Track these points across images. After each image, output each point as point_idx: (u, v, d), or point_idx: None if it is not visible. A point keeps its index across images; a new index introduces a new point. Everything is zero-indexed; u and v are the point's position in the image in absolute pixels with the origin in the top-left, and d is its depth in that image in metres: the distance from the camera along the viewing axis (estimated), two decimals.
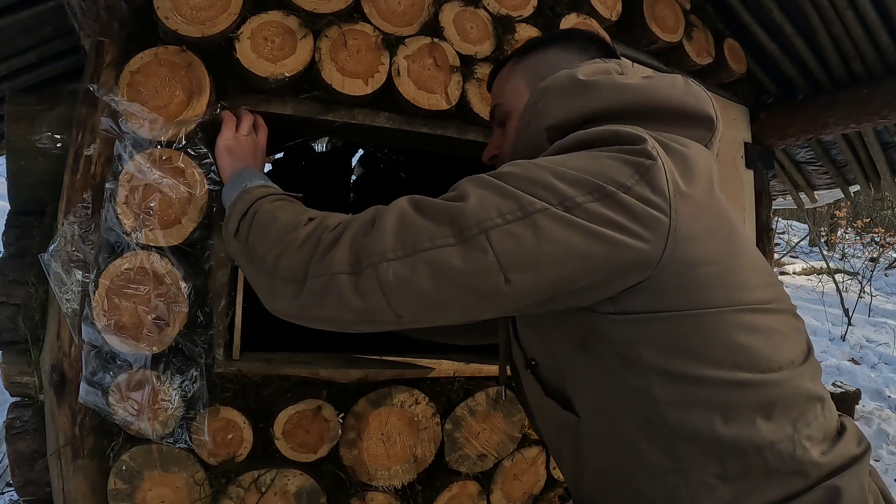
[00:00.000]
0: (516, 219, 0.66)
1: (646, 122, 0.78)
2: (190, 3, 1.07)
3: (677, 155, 0.74)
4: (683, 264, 0.69)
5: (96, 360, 1.04)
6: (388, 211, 0.72)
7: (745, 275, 0.74)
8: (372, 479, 1.23)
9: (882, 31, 1.89)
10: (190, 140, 1.08)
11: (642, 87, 0.81)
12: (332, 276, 0.69)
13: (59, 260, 1.05)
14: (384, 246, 0.67)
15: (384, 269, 0.66)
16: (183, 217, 1.07)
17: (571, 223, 0.66)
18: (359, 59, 1.20)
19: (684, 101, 0.82)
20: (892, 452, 4.02)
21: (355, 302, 0.68)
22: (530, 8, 1.39)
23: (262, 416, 1.16)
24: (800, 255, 11.72)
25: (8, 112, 1.19)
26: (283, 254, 0.76)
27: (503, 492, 1.37)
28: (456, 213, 0.67)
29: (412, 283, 0.66)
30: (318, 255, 0.71)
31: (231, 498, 1.12)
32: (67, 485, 1.08)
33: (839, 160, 2.74)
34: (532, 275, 0.66)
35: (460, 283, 0.66)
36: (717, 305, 0.70)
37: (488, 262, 0.65)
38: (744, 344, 0.71)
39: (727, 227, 0.76)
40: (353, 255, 0.69)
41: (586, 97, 0.81)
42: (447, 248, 0.66)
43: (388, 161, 3.94)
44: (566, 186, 0.67)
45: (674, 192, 0.69)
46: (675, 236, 0.68)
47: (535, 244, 0.65)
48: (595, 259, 0.66)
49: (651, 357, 0.71)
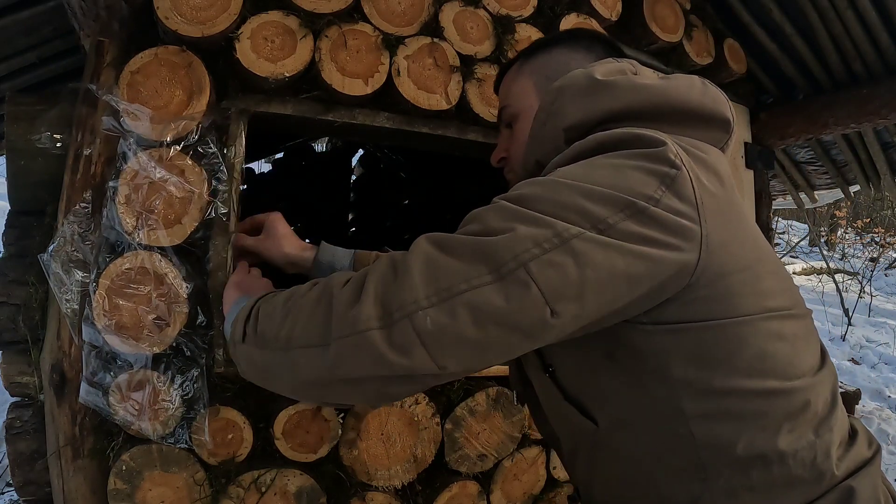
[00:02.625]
0: (554, 247, 0.61)
1: (664, 123, 0.77)
2: (190, 3, 1.07)
3: (699, 161, 0.73)
4: (714, 275, 0.68)
5: (97, 361, 1.04)
6: (411, 256, 0.65)
7: (771, 281, 0.74)
8: (372, 479, 1.23)
9: (882, 31, 1.89)
10: (202, 139, 1.08)
11: (661, 88, 0.79)
12: (362, 333, 0.61)
13: (58, 260, 1.05)
14: (415, 293, 0.61)
15: (420, 319, 0.60)
16: (184, 217, 1.07)
17: (609, 245, 0.63)
18: (359, 59, 1.20)
19: (702, 102, 0.80)
20: (892, 452, 4.02)
21: (393, 358, 0.61)
22: (530, 8, 1.39)
23: (262, 416, 1.16)
24: (800, 255, 11.72)
25: (8, 112, 1.19)
26: (296, 322, 0.68)
27: (503, 492, 1.36)
28: (488, 248, 0.62)
29: (453, 330, 0.60)
30: (338, 313, 0.64)
31: (231, 498, 1.12)
32: (67, 485, 1.08)
33: (839, 160, 2.74)
34: (578, 304, 0.62)
35: (505, 322, 0.61)
36: (747, 314, 0.70)
37: (532, 297, 0.60)
38: (771, 352, 0.70)
39: (752, 232, 0.75)
40: (381, 307, 0.62)
41: (605, 97, 0.79)
42: (486, 287, 0.60)
43: (388, 161, 3.94)
44: (596, 207, 0.64)
45: (700, 200, 0.68)
46: (707, 245, 0.67)
47: (577, 271, 0.61)
48: (638, 278, 0.64)
49: (680, 369, 0.69)
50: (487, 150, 1.44)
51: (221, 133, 1.13)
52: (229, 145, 1.14)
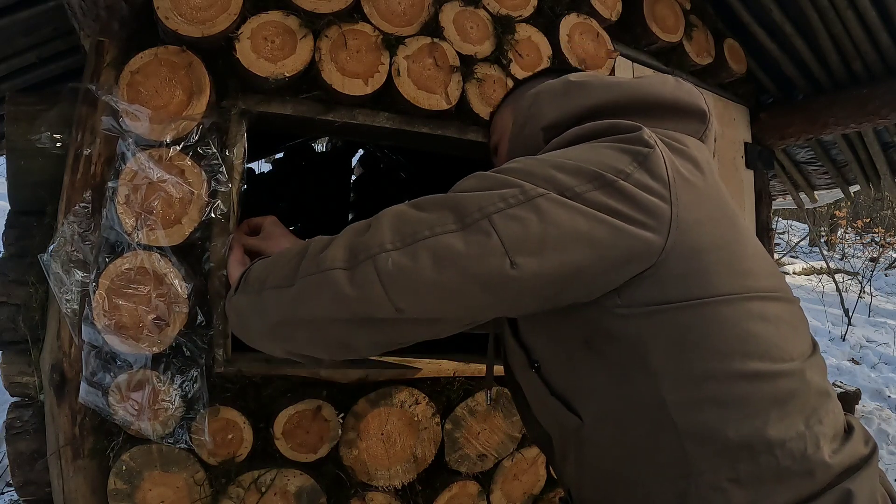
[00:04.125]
0: (519, 203, 0.65)
1: (639, 117, 0.79)
2: (190, 3, 1.07)
3: (675, 150, 0.75)
4: (688, 251, 0.68)
5: (96, 361, 1.04)
6: (383, 213, 0.71)
7: (751, 263, 0.73)
8: (372, 479, 1.23)
9: (882, 31, 1.89)
10: (202, 139, 1.08)
11: (633, 84, 0.83)
12: (325, 272, 0.66)
13: (58, 260, 1.05)
14: (381, 239, 0.66)
15: (383, 260, 0.64)
16: (183, 217, 1.07)
17: (574, 208, 0.65)
18: (359, 59, 1.20)
19: (676, 94, 0.83)
20: (892, 452, 4.02)
21: (351, 293, 0.65)
22: (530, 8, 1.39)
23: (262, 416, 1.16)
24: (800, 255, 11.72)
25: (8, 112, 1.19)
26: (274, 268, 0.75)
27: (503, 492, 1.36)
28: (456, 200, 0.67)
29: (413, 271, 0.63)
30: (309, 256, 0.70)
31: (231, 498, 1.12)
32: (67, 485, 1.08)
33: (839, 160, 2.74)
34: (538, 259, 0.64)
35: (464, 268, 0.63)
36: (725, 293, 0.69)
37: (492, 245, 0.63)
38: (754, 332, 0.69)
39: (729, 214, 0.75)
40: (349, 251, 0.67)
41: (579, 96, 0.82)
42: (449, 234, 0.64)
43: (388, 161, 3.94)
44: (566, 176, 0.67)
45: (673, 178, 0.69)
46: (678, 223, 0.68)
47: (539, 227, 0.64)
48: (599, 245, 0.65)
49: (659, 355, 0.69)
50: (487, 151, 1.44)
51: (222, 134, 1.13)
52: (230, 146, 1.14)
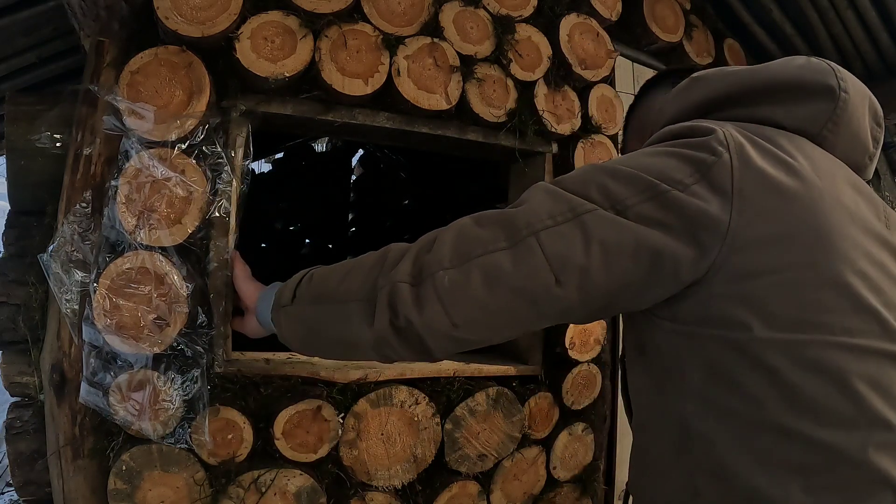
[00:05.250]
0: (566, 220, 0.65)
1: (751, 105, 0.74)
2: (190, 3, 1.07)
3: (765, 152, 0.66)
4: (739, 272, 0.62)
5: (97, 361, 1.04)
6: (449, 227, 0.73)
7: (827, 293, 0.61)
8: (372, 479, 1.23)
9: (882, 31, 1.89)
10: (207, 138, 1.08)
11: (752, 70, 0.76)
12: (395, 284, 0.70)
13: (58, 260, 1.05)
14: (442, 257, 0.68)
15: (440, 278, 0.67)
16: (185, 216, 1.07)
17: (620, 225, 0.64)
18: (359, 59, 1.20)
19: (798, 74, 0.74)
20: None
21: (415, 310, 0.68)
22: (530, 8, 1.39)
23: (262, 416, 1.16)
24: None
25: (8, 112, 1.19)
26: (352, 281, 0.76)
27: (503, 492, 1.37)
28: (509, 217, 0.68)
29: (466, 288, 0.66)
30: (384, 271, 0.73)
31: (231, 498, 1.12)
32: (67, 485, 1.08)
33: None
34: (583, 277, 0.65)
35: (512, 286, 0.66)
36: (775, 329, 0.61)
37: (538, 263, 0.65)
38: (795, 383, 0.60)
39: (819, 227, 0.62)
40: (416, 268, 0.70)
41: (696, 90, 0.79)
42: (500, 252, 0.66)
43: (388, 161, 3.95)
44: (619, 186, 0.66)
45: (739, 190, 0.62)
46: (733, 240, 0.62)
47: (583, 245, 0.64)
48: (645, 260, 0.64)
49: (692, 378, 0.66)
50: (487, 151, 1.44)
51: (227, 134, 1.14)
52: (236, 147, 1.14)
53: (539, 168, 1.46)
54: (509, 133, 1.37)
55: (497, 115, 1.34)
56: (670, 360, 0.69)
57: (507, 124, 1.35)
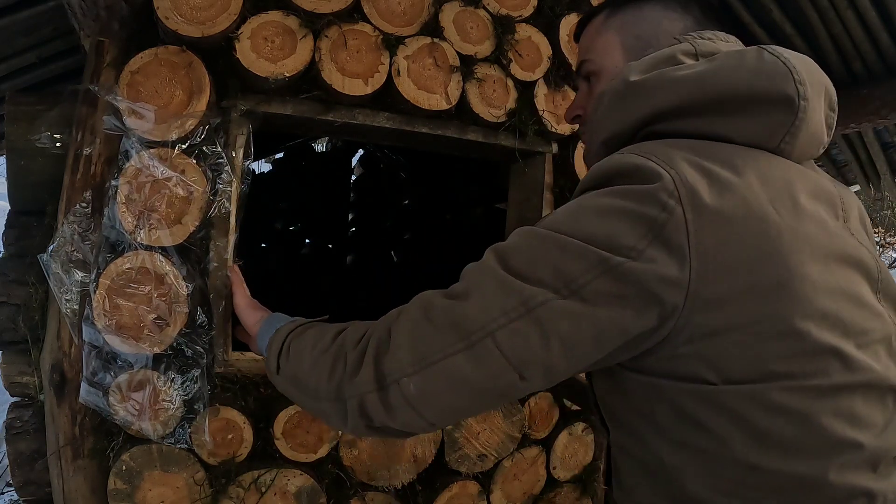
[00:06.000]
0: (520, 315, 0.63)
1: (702, 118, 0.69)
2: (190, 3, 1.07)
3: (721, 186, 0.62)
4: (700, 332, 0.61)
5: (97, 361, 1.04)
6: (401, 319, 0.71)
7: (786, 343, 0.61)
8: (372, 479, 1.23)
9: (882, 31, 1.88)
10: (208, 138, 1.08)
11: (699, 78, 0.69)
12: (363, 395, 0.70)
13: (58, 260, 1.05)
14: (402, 361, 0.68)
15: (405, 385, 0.67)
16: (185, 216, 1.07)
17: (576, 315, 0.62)
18: (359, 59, 1.20)
19: (751, 83, 0.67)
20: None
21: (388, 416, 0.70)
22: (530, 8, 1.39)
23: (262, 416, 1.16)
24: None
25: (8, 112, 1.19)
26: (320, 378, 0.77)
27: (503, 492, 1.37)
28: (459, 317, 0.66)
29: (433, 394, 0.67)
30: (347, 376, 0.73)
31: (231, 498, 1.12)
32: (67, 485, 1.08)
33: (839, 160, 2.74)
34: (545, 367, 0.65)
35: (477, 388, 0.66)
36: (736, 380, 0.62)
37: (499, 365, 0.64)
38: (761, 425, 0.62)
39: (781, 277, 0.61)
40: (378, 373, 0.69)
41: (635, 102, 0.73)
42: (457, 355, 0.65)
43: (388, 161, 3.94)
44: (569, 263, 0.62)
45: (695, 246, 0.59)
46: (693, 301, 0.60)
47: (541, 341, 0.63)
48: (607, 338, 0.63)
49: (661, 417, 0.67)
50: (487, 151, 1.44)
51: (227, 134, 1.14)
52: (236, 147, 1.14)
53: (539, 168, 1.46)
54: (509, 133, 1.37)
55: (497, 116, 1.34)
56: (639, 401, 0.70)
57: (506, 124, 1.35)
